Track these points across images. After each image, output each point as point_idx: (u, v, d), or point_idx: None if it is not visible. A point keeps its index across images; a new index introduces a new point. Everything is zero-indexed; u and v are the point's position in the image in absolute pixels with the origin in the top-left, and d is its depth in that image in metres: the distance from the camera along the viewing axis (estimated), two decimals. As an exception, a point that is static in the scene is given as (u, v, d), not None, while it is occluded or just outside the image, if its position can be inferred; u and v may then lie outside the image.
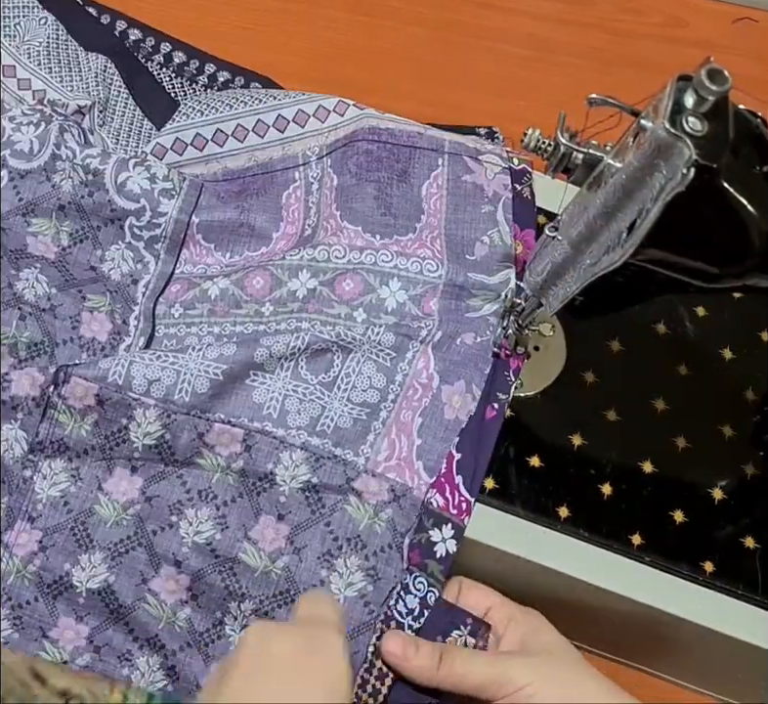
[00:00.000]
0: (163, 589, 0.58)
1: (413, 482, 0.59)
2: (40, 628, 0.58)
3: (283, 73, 0.81)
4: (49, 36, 0.75)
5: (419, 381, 0.62)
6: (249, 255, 0.67)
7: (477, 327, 0.65)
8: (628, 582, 0.60)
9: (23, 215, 0.64)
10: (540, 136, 0.53)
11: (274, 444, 0.59)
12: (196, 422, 0.59)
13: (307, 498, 0.58)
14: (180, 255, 0.66)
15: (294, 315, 0.64)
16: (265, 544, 0.58)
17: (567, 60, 0.89)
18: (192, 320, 0.65)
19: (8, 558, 0.59)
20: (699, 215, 0.44)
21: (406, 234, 0.65)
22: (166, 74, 0.79)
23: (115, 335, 0.65)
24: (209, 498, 0.59)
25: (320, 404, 0.61)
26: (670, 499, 0.64)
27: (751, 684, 0.65)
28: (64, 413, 0.60)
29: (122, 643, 0.58)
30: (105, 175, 0.64)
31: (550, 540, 0.61)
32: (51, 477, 0.60)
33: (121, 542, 0.59)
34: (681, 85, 0.41)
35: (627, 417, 0.67)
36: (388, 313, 0.64)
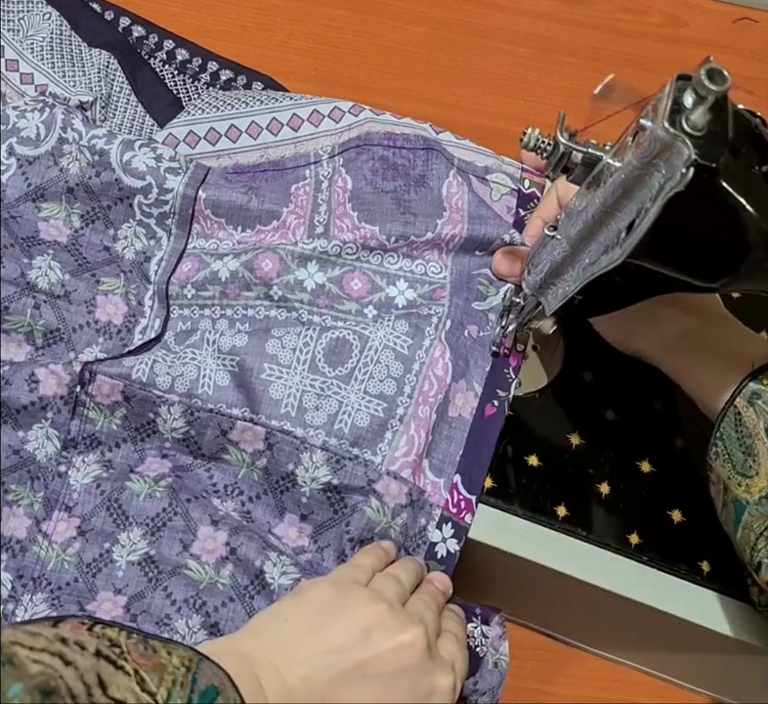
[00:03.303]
0: (203, 550, 0.59)
1: (420, 480, 0.60)
2: (78, 602, 0.59)
3: (283, 72, 0.81)
4: (52, 32, 0.75)
5: (435, 372, 0.62)
6: (261, 229, 0.66)
7: (479, 320, 0.65)
8: (626, 581, 0.60)
9: (33, 201, 0.64)
10: (540, 135, 0.53)
11: (294, 444, 0.58)
12: (219, 420, 0.59)
13: (329, 498, 0.58)
14: (191, 230, 0.66)
15: (305, 306, 0.64)
16: (288, 541, 0.59)
17: (566, 59, 0.89)
18: (205, 302, 0.65)
19: (47, 546, 0.59)
20: (698, 215, 0.44)
21: (425, 234, 0.64)
22: (169, 71, 0.79)
23: (131, 318, 0.65)
24: (235, 493, 0.60)
25: (337, 399, 0.60)
26: (668, 498, 0.64)
27: (751, 685, 0.65)
28: (94, 409, 0.61)
29: (160, 609, 0.58)
30: (110, 154, 0.64)
31: (548, 539, 0.61)
32: (84, 469, 0.61)
33: (158, 516, 0.60)
34: (680, 85, 0.41)
35: (625, 416, 0.67)
36: (399, 309, 0.64)
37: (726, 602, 0.61)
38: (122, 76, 0.76)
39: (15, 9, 0.76)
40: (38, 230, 0.65)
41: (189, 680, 0.39)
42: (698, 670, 0.68)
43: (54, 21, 0.76)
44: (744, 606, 0.61)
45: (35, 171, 0.65)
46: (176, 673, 0.39)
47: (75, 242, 0.65)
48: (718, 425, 0.56)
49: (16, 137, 0.65)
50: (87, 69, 0.75)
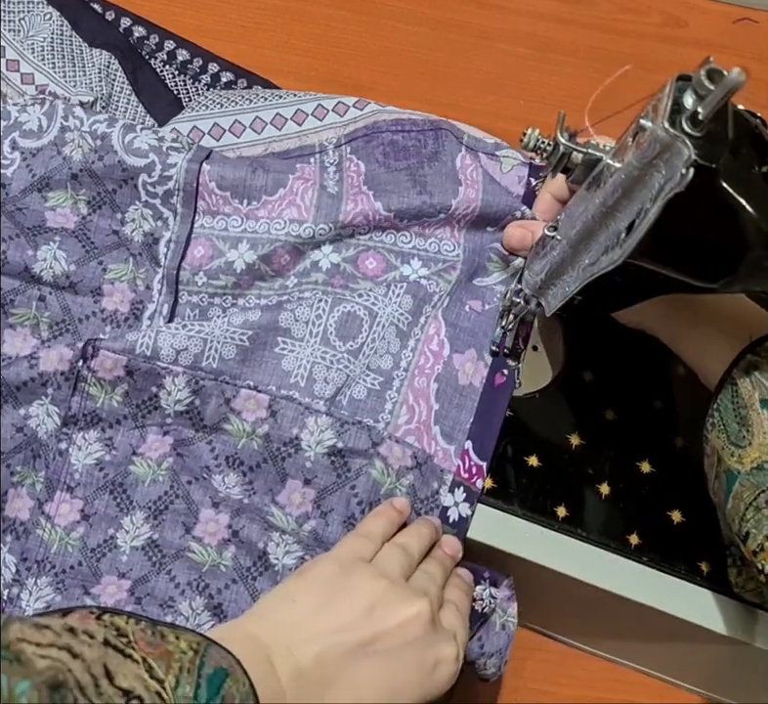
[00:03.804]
0: (206, 533, 0.59)
1: (431, 448, 0.61)
2: (83, 586, 0.59)
3: (283, 72, 0.81)
4: (53, 32, 0.75)
5: (430, 348, 0.63)
6: (268, 199, 0.65)
7: (483, 295, 0.65)
8: (626, 581, 0.60)
9: (39, 191, 0.64)
10: (540, 136, 0.53)
11: (299, 410, 0.59)
12: (224, 388, 0.60)
13: (333, 462, 0.59)
14: (197, 207, 0.65)
15: (319, 286, 0.64)
16: (292, 508, 0.59)
17: (567, 59, 0.89)
18: (216, 291, 0.65)
19: (50, 529, 0.59)
20: (698, 215, 0.44)
21: (438, 214, 0.64)
22: (169, 72, 0.79)
23: (138, 305, 0.65)
24: (236, 464, 0.60)
25: (346, 373, 0.61)
26: (668, 499, 0.64)
27: (750, 685, 0.65)
28: (95, 385, 0.60)
29: (164, 591, 0.59)
30: (112, 137, 0.64)
31: (548, 539, 0.61)
32: (86, 448, 0.60)
33: (160, 499, 0.60)
34: (680, 85, 0.41)
35: (625, 416, 0.67)
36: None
37: (726, 603, 0.61)
38: (123, 76, 0.76)
39: (15, 9, 0.76)
40: (45, 219, 0.65)
41: (196, 664, 0.39)
42: (697, 670, 0.68)
43: (54, 21, 0.76)
44: (743, 607, 0.61)
45: (39, 162, 0.64)
46: (183, 658, 0.39)
47: (84, 227, 0.65)
48: (716, 397, 0.57)
49: (18, 131, 0.65)
50: (88, 70, 0.75)
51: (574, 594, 0.61)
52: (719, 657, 0.64)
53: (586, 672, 0.70)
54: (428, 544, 0.56)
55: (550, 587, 0.61)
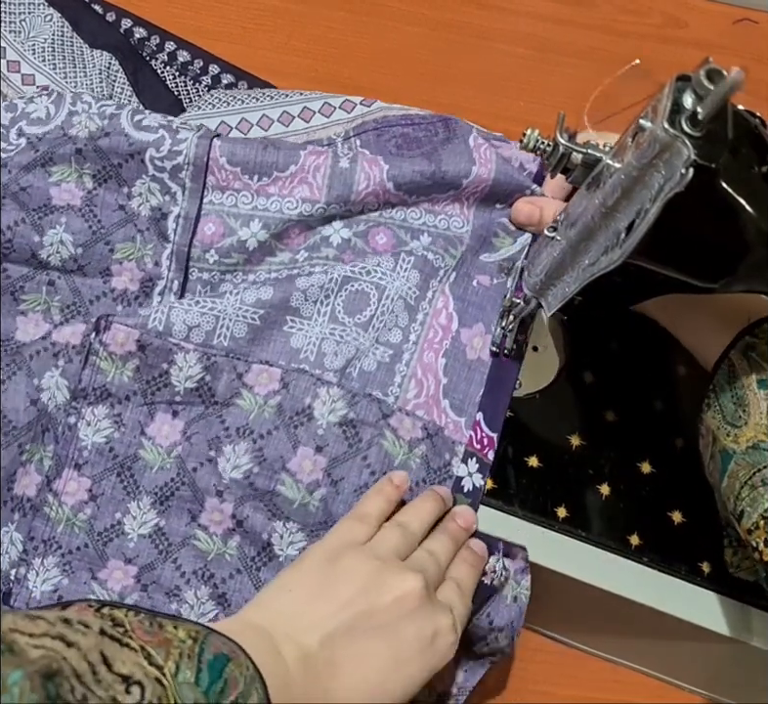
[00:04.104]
0: (211, 521, 0.59)
1: (441, 421, 0.61)
2: (89, 569, 0.59)
3: (283, 73, 0.81)
4: (54, 33, 0.76)
5: (439, 322, 0.64)
6: (278, 175, 0.64)
7: (491, 270, 0.66)
8: (626, 582, 0.60)
9: (42, 166, 0.63)
10: (539, 136, 0.53)
11: (311, 380, 0.60)
12: (236, 363, 0.61)
13: (344, 432, 0.59)
14: (206, 182, 0.65)
15: (330, 262, 0.65)
16: (303, 475, 0.59)
17: (566, 60, 0.89)
18: (228, 268, 0.65)
19: (57, 507, 0.59)
20: (697, 215, 0.44)
21: (447, 191, 0.65)
22: (170, 73, 0.79)
23: (147, 282, 0.65)
24: (246, 433, 0.60)
25: (355, 345, 0.62)
26: (668, 499, 0.64)
27: (751, 685, 0.65)
28: (106, 360, 0.60)
29: (170, 580, 0.59)
30: (120, 116, 0.64)
31: (548, 540, 0.61)
32: (95, 424, 0.60)
33: (166, 485, 0.60)
34: (680, 85, 0.41)
35: (626, 417, 0.67)
36: (426, 242, 0.66)
37: (726, 603, 0.61)
38: (123, 78, 0.76)
39: (16, 11, 0.76)
40: (50, 197, 0.64)
41: (196, 651, 0.40)
42: (697, 670, 0.68)
43: (55, 22, 0.76)
44: (744, 607, 0.61)
45: (44, 142, 0.64)
46: (182, 646, 0.39)
47: (90, 203, 0.64)
48: (712, 377, 0.58)
49: (26, 120, 0.64)
50: (88, 71, 0.75)
51: (574, 595, 0.61)
52: (719, 657, 0.64)
53: (586, 673, 0.69)
54: (432, 519, 0.57)
55: (550, 587, 0.61)
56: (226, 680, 0.39)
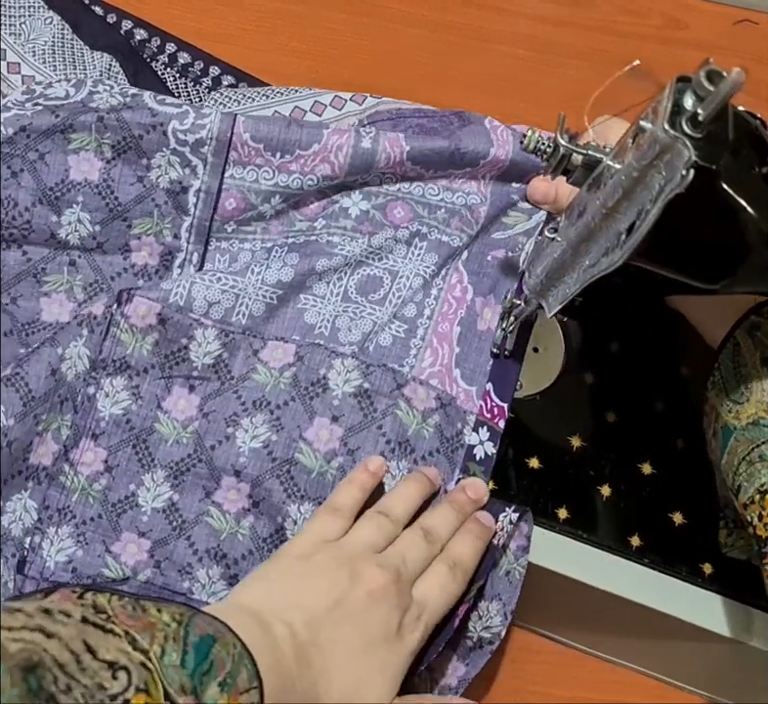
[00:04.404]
0: (226, 499, 0.60)
1: (453, 390, 0.62)
2: (103, 542, 0.59)
3: (283, 75, 0.81)
4: (54, 35, 0.76)
5: (453, 295, 0.65)
6: (301, 154, 0.65)
7: (506, 244, 0.67)
8: (627, 583, 0.60)
9: (62, 132, 0.63)
10: (540, 137, 0.53)
11: (326, 353, 0.61)
12: (251, 341, 0.62)
13: (359, 402, 0.60)
14: (228, 157, 0.65)
15: (348, 233, 0.66)
16: (320, 444, 0.60)
17: (567, 61, 0.89)
18: (246, 236, 0.66)
19: (72, 476, 0.60)
20: (698, 216, 0.44)
21: (464, 168, 0.66)
22: (170, 74, 0.79)
23: (167, 256, 0.66)
24: (263, 405, 0.61)
25: (372, 319, 0.64)
26: (669, 500, 0.64)
27: (751, 686, 0.65)
28: (126, 332, 0.61)
29: (183, 557, 0.59)
30: (143, 95, 0.64)
31: (549, 541, 0.61)
32: (113, 395, 0.61)
33: (182, 461, 0.61)
34: (680, 86, 0.41)
35: (626, 418, 0.67)
36: (439, 222, 0.67)
37: (727, 604, 0.61)
38: (124, 79, 0.76)
39: (16, 13, 0.76)
40: (68, 167, 0.64)
41: (181, 634, 0.40)
42: (697, 671, 0.68)
43: (55, 24, 0.76)
44: (745, 608, 0.61)
45: (64, 109, 0.63)
46: (167, 629, 0.40)
47: (108, 176, 0.64)
48: (717, 356, 0.59)
49: (43, 98, 0.64)
50: (89, 72, 0.75)
51: (574, 596, 0.61)
52: (719, 658, 0.64)
53: (586, 673, 0.69)
54: (416, 501, 0.57)
55: (551, 588, 0.61)
56: (212, 660, 0.40)
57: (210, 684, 0.39)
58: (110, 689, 0.35)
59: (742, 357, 0.58)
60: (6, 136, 0.62)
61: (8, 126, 0.62)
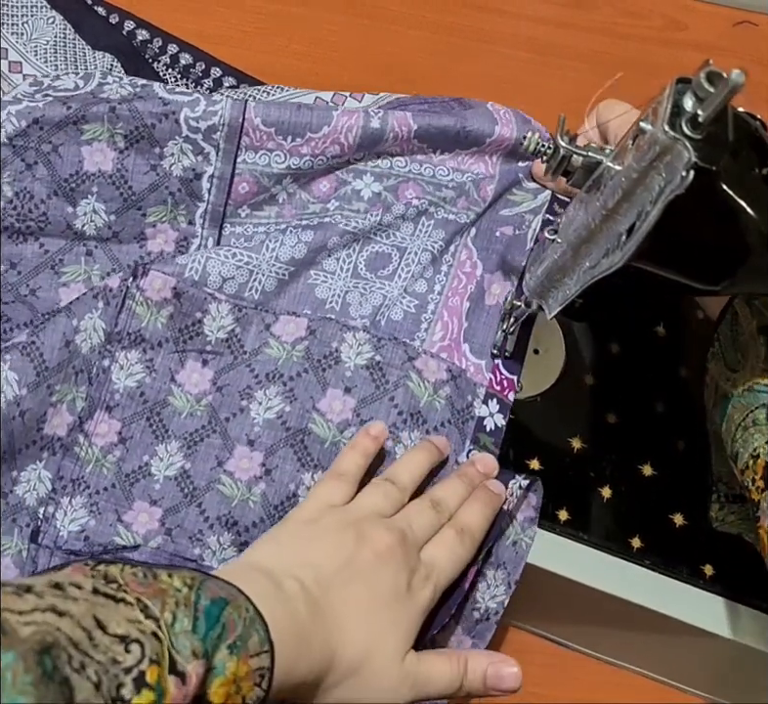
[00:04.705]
0: (237, 468, 0.60)
1: (462, 364, 0.63)
2: (115, 511, 0.60)
3: (284, 77, 0.81)
4: (56, 35, 0.76)
5: (463, 271, 0.66)
6: (312, 136, 0.65)
7: (514, 221, 0.67)
8: (628, 585, 0.60)
9: (75, 123, 0.63)
10: (540, 139, 0.53)
11: (338, 327, 0.62)
12: (264, 315, 0.63)
13: (371, 374, 0.61)
14: (240, 143, 0.65)
15: (361, 214, 0.67)
16: (333, 415, 0.60)
17: (568, 63, 0.89)
18: (260, 220, 0.67)
19: (87, 447, 0.60)
20: (698, 218, 0.44)
21: (470, 148, 0.67)
22: (172, 75, 0.79)
23: (182, 242, 0.66)
24: (276, 377, 0.61)
25: (382, 294, 0.65)
26: (670, 502, 0.64)
27: (751, 687, 0.65)
28: (142, 305, 0.61)
29: (194, 524, 0.59)
30: (153, 85, 0.64)
31: (550, 543, 0.61)
32: (127, 368, 0.61)
33: (196, 431, 0.61)
34: (680, 88, 0.41)
35: (627, 419, 0.67)
36: (446, 202, 0.68)
37: (729, 606, 0.61)
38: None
39: (19, 13, 0.76)
40: (82, 158, 0.64)
41: (192, 599, 0.40)
42: (698, 672, 0.68)
43: (58, 24, 0.76)
44: (746, 610, 0.61)
45: (74, 99, 0.63)
46: (177, 595, 0.39)
47: (121, 166, 0.64)
48: (717, 326, 0.60)
49: (53, 90, 0.64)
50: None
51: (575, 598, 0.61)
52: (720, 659, 0.64)
53: (587, 675, 0.69)
54: (422, 469, 0.58)
55: (552, 590, 0.61)
56: (224, 624, 0.40)
57: (220, 648, 0.39)
58: (124, 663, 0.35)
59: (739, 326, 0.59)
60: (19, 129, 0.62)
61: (20, 119, 0.62)
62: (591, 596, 0.60)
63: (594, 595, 0.60)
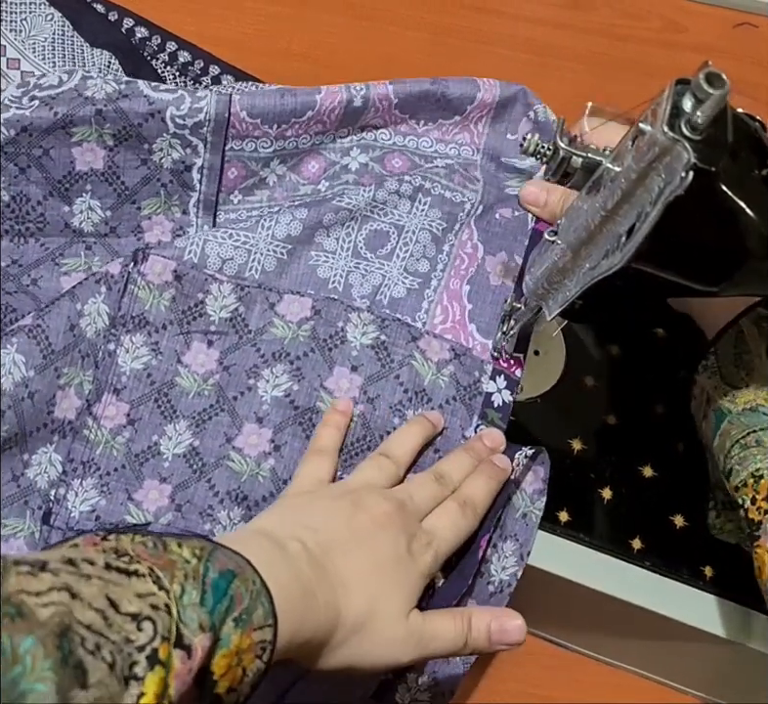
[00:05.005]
0: (246, 444, 0.61)
1: (469, 343, 0.64)
2: (126, 490, 0.60)
3: (283, 78, 0.81)
4: (54, 32, 0.76)
5: (465, 251, 0.66)
6: (296, 121, 0.66)
7: (512, 203, 0.68)
8: (628, 586, 0.60)
9: (63, 128, 0.64)
10: (539, 140, 0.53)
11: (342, 307, 0.63)
12: (267, 294, 0.63)
13: (377, 353, 0.62)
14: (227, 134, 0.66)
15: (350, 186, 0.67)
16: (340, 393, 0.61)
17: (566, 64, 0.89)
18: (253, 205, 0.68)
19: (96, 430, 0.61)
20: (698, 219, 0.44)
21: (453, 117, 0.68)
22: (170, 73, 0.79)
23: (178, 231, 0.67)
24: (282, 356, 0.62)
25: (381, 274, 0.65)
26: (670, 503, 0.64)
27: (751, 688, 0.65)
28: (144, 289, 0.62)
29: (203, 500, 0.60)
30: (138, 83, 0.65)
31: (550, 544, 0.61)
32: (133, 351, 0.62)
33: (204, 410, 0.62)
34: (680, 89, 0.41)
35: (627, 421, 0.67)
36: (441, 176, 0.68)
37: (729, 607, 0.61)
38: (123, 77, 0.76)
39: (17, 10, 0.76)
40: (73, 159, 0.65)
41: (200, 571, 0.40)
42: (698, 673, 0.68)
43: (56, 21, 0.76)
44: (747, 611, 0.61)
45: (60, 102, 0.64)
46: (186, 567, 0.39)
47: (112, 163, 0.65)
48: (715, 341, 0.61)
49: (37, 89, 0.64)
50: (88, 69, 0.75)
51: (575, 599, 0.61)
52: (720, 660, 0.64)
53: (587, 676, 0.69)
54: (416, 442, 0.59)
55: (552, 591, 0.61)
56: (231, 596, 0.40)
57: (227, 621, 0.39)
58: (137, 641, 0.35)
59: (745, 344, 0.59)
60: (9, 137, 0.63)
61: (9, 128, 0.63)
62: (591, 598, 0.60)
63: (594, 597, 0.60)
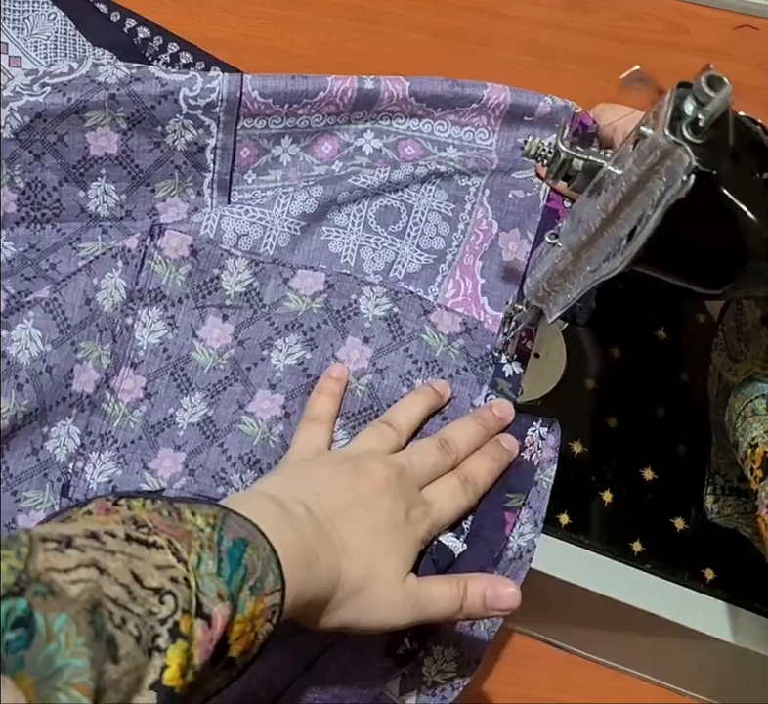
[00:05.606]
0: (258, 408, 0.61)
1: (480, 316, 0.64)
2: (141, 460, 0.61)
3: (285, 80, 0.81)
4: (57, 31, 0.76)
5: (480, 228, 0.66)
6: (308, 101, 0.67)
7: (524, 185, 0.68)
8: (629, 589, 0.60)
9: (77, 113, 0.64)
10: (541, 143, 0.53)
11: (355, 281, 0.63)
12: (281, 269, 0.64)
13: (389, 325, 0.62)
14: (240, 113, 0.66)
15: (364, 169, 0.68)
16: (350, 363, 0.62)
17: (567, 66, 0.89)
18: (267, 185, 0.68)
19: (113, 403, 0.61)
20: (699, 222, 0.44)
21: (470, 104, 0.68)
22: (172, 73, 0.79)
23: (193, 212, 0.67)
24: (296, 327, 0.63)
25: (393, 250, 0.66)
26: (671, 506, 0.64)
27: (752, 690, 0.65)
28: (160, 263, 0.63)
29: (216, 464, 0.60)
30: (148, 67, 0.65)
31: (551, 547, 0.61)
32: (150, 325, 0.63)
33: (219, 382, 0.62)
34: (681, 92, 0.41)
35: (628, 424, 0.67)
36: (455, 162, 0.68)
37: (730, 610, 0.61)
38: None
39: (20, 8, 0.76)
40: (87, 144, 0.65)
41: (215, 539, 0.41)
42: (700, 676, 0.68)
43: (59, 20, 0.76)
44: (748, 614, 0.61)
45: (72, 88, 0.64)
46: (201, 536, 0.40)
47: (126, 147, 0.66)
48: (721, 316, 0.61)
49: (47, 76, 0.64)
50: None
51: (576, 602, 0.61)
52: (721, 663, 0.64)
53: (588, 680, 0.69)
54: (420, 411, 0.59)
55: (553, 594, 0.61)
56: (246, 566, 0.41)
57: (243, 589, 0.40)
58: (159, 614, 0.35)
59: (744, 315, 0.59)
60: (23, 124, 0.63)
61: (24, 115, 0.63)
62: (592, 600, 0.60)
63: (595, 599, 0.60)
